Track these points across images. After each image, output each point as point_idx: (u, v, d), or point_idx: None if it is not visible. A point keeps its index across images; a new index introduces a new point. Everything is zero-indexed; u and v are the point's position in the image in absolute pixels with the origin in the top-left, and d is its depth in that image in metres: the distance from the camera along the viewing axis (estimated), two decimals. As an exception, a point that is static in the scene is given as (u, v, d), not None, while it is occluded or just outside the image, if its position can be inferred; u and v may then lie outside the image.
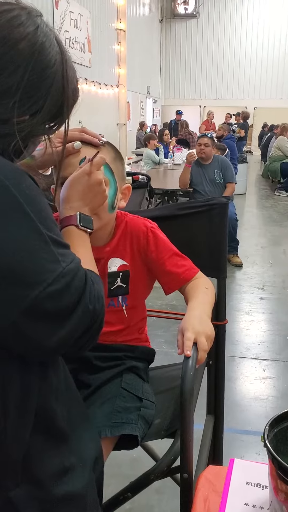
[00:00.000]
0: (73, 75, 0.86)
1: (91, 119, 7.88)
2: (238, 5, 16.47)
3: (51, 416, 0.83)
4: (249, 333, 3.32)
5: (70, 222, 0.95)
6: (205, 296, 1.16)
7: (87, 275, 0.79)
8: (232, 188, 4.77)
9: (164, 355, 2.82)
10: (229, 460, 0.97)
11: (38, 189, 0.76)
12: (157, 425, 1.18)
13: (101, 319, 0.82)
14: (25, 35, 0.77)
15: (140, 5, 13.33)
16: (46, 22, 0.83)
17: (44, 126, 0.84)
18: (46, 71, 0.79)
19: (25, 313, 0.70)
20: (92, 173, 0.97)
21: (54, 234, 0.75)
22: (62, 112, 0.85)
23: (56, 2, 7.04)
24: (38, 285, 0.70)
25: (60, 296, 0.73)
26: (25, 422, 0.78)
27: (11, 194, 0.70)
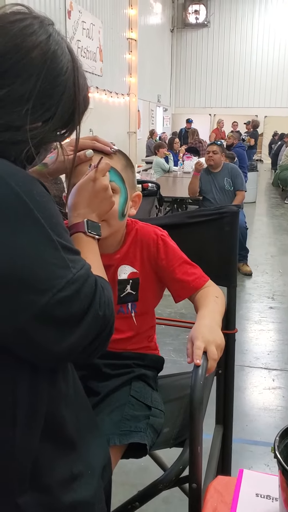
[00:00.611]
0: (84, 83, 0.87)
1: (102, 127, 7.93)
2: (248, 14, 16.53)
3: (60, 422, 0.83)
4: (259, 343, 3.30)
5: (78, 229, 0.95)
6: (215, 305, 1.16)
7: (97, 281, 0.79)
8: (242, 196, 4.76)
9: (173, 363, 2.81)
10: (238, 470, 0.96)
11: (49, 196, 0.76)
12: (166, 434, 1.18)
13: (111, 325, 0.82)
14: (38, 44, 0.78)
15: (151, 15, 13.42)
16: (58, 30, 0.84)
17: (56, 133, 0.85)
18: (58, 79, 0.80)
19: (35, 319, 0.70)
20: (97, 179, 0.98)
21: (65, 240, 0.75)
22: (73, 119, 0.86)
23: (68, 12, 7.10)
24: (48, 291, 0.71)
25: (70, 302, 0.73)
26: (34, 429, 0.78)
27: (22, 200, 0.70)
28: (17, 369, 0.75)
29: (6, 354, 0.73)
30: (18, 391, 0.75)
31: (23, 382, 0.76)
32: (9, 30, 0.77)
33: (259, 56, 16.67)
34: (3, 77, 0.76)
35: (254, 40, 16.69)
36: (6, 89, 0.76)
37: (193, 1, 16.57)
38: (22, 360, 0.75)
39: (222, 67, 16.99)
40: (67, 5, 7.04)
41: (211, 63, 17.08)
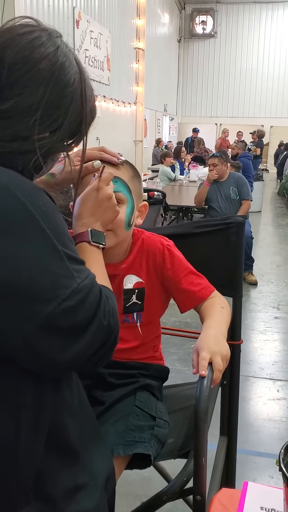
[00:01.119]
0: (91, 94, 0.88)
1: (108, 135, 7.97)
2: (255, 25, 16.63)
3: (64, 433, 0.83)
4: (263, 353, 3.28)
5: (82, 239, 0.96)
6: (221, 316, 1.16)
7: (101, 291, 0.80)
8: (248, 205, 4.76)
9: (177, 373, 2.80)
10: (243, 483, 0.95)
11: (54, 206, 0.77)
12: (170, 445, 1.17)
13: (116, 335, 0.82)
14: (46, 55, 0.79)
15: (159, 25, 13.51)
16: (65, 42, 0.85)
17: (63, 143, 0.86)
18: (65, 90, 0.81)
19: (39, 329, 0.71)
20: (101, 188, 0.98)
21: (70, 250, 0.76)
22: (80, 130, 0.87)
23: (77, 22, 7.17)
24: (53, 301, 0.71)
25: (75, 312, 0.73)
26: (37, 439, 0.78)
27: (28, 210, 0.71)
28: (21, 378, 0.75)
29: (10, 364, 0.73)
30: (22, 401, 0.75)
31: (27, 392, 0.75)
32: (18, 42, 0.79)
33: (265, 67, 16.74)
34: (11, 87, 0.77)
35: (261, 51, 16.77)
36: (14, 100, 0.77)
37: (200, 12, 16.69)
38: (26, 369, 0.75)
39: (229, 77, 17.07)
40: (75, 15, 7.10)
41: (217, 73, 17.16)
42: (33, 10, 5.75)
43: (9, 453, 0.75)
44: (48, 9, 6.16)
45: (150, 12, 11.67)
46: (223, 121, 16.65)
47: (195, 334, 1.18)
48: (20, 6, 5.27)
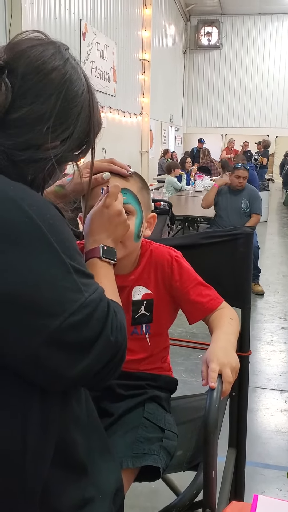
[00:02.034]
0: (97, 107, 0.91)
1: (114, 146, 8.01)
2: (260, 36, 16.72)
3: (71, 446, 0.82)
4: (271, 364, 3.26)
5: (93, 255, 0.96)
6: (230, 327, 1.15)
7: (109, 305, 0.79)
8: (257, 219, 4.76)
9: (184, 384, 2.78)
10: (253, 496, 0.94)
11: (62, 219, 0.77)
12: (179, 457, 1.17)
13: (124, 351, 0.81)
14: (56, 66, 0.82)
15: (164, 37, 13.61)
16: (73, 56, 0.88)
17: (73, 153, 0.88)
18: (75, 100, 0.83)
19: (46, 343, 0.70)
20: (110, 205, 0.99)
21: (78, 263, 0.76)
22: (88, 140, 0.89)
23: (83, 34, 7.23)
24: (60, 315, 0.71)
25: (82, 326, 0.73)
26: (44, 453, 0.77)
27: (35, 224, 0.71)
28: (28, 392, 0.74)
29: (17, 377, 0.73)
30: (29, 415, 0.74)
31: (33, 405, 0.75)
32: (29, 54, 0.81)
33: (271, 77, 16.80)
34: (24, 96, 0.79)
35: (266, 62, 16.85)
36: (27, 108, 0.78)
37: (205, 23, 16.81)
38: (34, 384, 0.74)
39: (234, 88, 17.14)
40: (82, 27, 7.17)
41: (223, 84, 17.25)
42: (40, 22, 5.81)
43: (16, 467, 0.75)
44: (54, 21, 6.23)
45: (155, 23, 11.77)
46: (229, 132, 16.71)
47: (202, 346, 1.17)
48: (27, 18, 5.33)
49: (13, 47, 0.82)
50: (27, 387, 0.74)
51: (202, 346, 1.10)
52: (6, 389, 0.74)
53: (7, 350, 0.70)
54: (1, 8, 4.96)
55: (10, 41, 0.84)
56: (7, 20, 5.00)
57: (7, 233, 0.69)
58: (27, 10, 5.33)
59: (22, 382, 0.74)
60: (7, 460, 0.75)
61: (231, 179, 4.76)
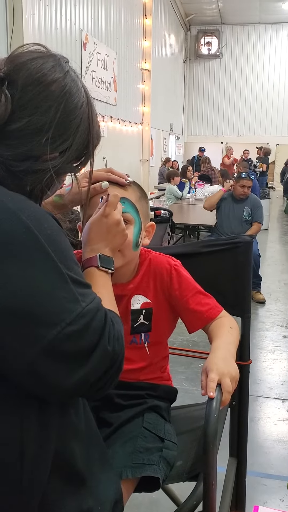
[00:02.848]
0: (96, 119, 0.91)
1: (115, 155, 8.04)
2: (260, 46, 16.83)
3: (70, 457, 0.82)
4: (272, 372, 3.25)
5: (91, 264, 0.96)
6: (230, 336, 1.15)
7: (107, 315, 0.79)
8: (258, 227, 4.78)
9: (185, 393, 2.77)
10: (253, 507, 0.94)
11: (60, 229, 0.77)
12: (179, 467, 1.16)
13: (121, 361, 0.81)
14: (56, 79, 0.83)
15: (165, 46, 13.71)
16: (73, 68, 0.88)
17: (72, 165, 0.88)
18: (75, 112, 0.84)
19: (43, 353, 0.70)
20: (109, 214, 0.99)
21: (75, 273, 0.76)
22: (87, 152, 0.90)
23: (84, 44, 7.29)
24: (57, 325, 0.70)
25: (79, 336, 0.73)
26: (42, 463, 0.77)
27: (33, 234, 0.71)
28: (26, 402, 0.74)
29: (14, 388, 0.73)
30: (26, 425, 0.74)
31: (31, 416, 0.75)
32: (30, 66, 0.82)
33: (271, 86, 16.90)
34: (24, 108, 0.79)
35: (266, 71, 16.94)
36: (26, 119, 0.79)
37: (205, 33, 16.93)
38: (31, 394, 0.74)
39: (234, 97, 17.24)
40: (82, 37, 7.23)
41: (223, 92, 17.34)
42: (41, 33, 5.86)
43: (13, 477, 0.75)
44: (55, 32, 6.28)
45: (156, 33, 11.86)
46: (229, 140, 16.77)
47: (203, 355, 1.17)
48: (29, 29, 5.37)
49: (14, 59, 0.83)
50: (24, 398, 0.74)
51: (203, 355, 1.10)
52: (4, 399, 0.73)
53: (4, 359, 0.70)
54: (2, 19, 5.00)
55: (11, 54, 0.85)
56: (8, 30, 5.04)
57: (4, 244, 0.70)
58: (28, 21, 5.38)
59: (19, 393, 0.74)
60: (5, 471, 0.74)
61: (235, 188, 4.77)
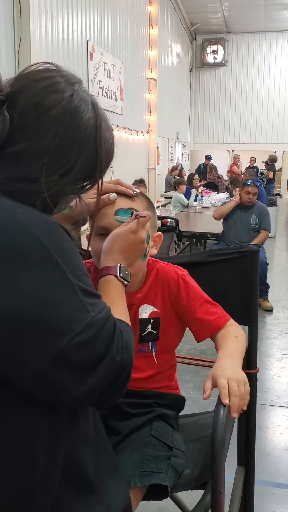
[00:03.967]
0: (107, 137, 0.89)
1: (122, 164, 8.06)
2: (265, 54, 16.88)
3: (80, 465, 0.83)
4: (280, 381, 3.24)
5: (109, 272, 0.98)
6: (236, 345, 1.16)
7: (116, 325, 0.80)
8: (266, 235, 4.78)
9: (193, 401, 2.76)
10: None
11: (70, 240, 0.78)
12: (187, 476, 1.16)
13: (129, 370, 0.82)
14: (59, 102, 0.81)
15: (170, 56, 13.79)
16: (84, 88, 0.87)
17: (76, 186, 0.87)
18: (77, 135, 0.83)
19: (52, 362, 0.71)
20: (137, 231, 1.01)
21: (85, 284, 0.77)
22: (94, 173, 0.88)
23: (90, 54, 7.35)
24: (66, 334, 0.72)
25: (88, 346, 0.74)
26: (53, 471, 0.78)
27: (42, 245, 0.73)
28: (36, 410, 0.75)
29: (25, 397, 0.74)
30: (37, 433, 0.75)
31: (42, 424, 0.76)
32: (32, 88, 0.81)
33: (276, 93, 16.92)
34: (22, 131, 0.79)
35: (271, 78, 16.98)
36: (23, 144, 0.79)
37: (211, 41, 17.01)
38: (42, 402, 0.75)
39: (240, 105, 17.27)
40: (89, 48, 7.30)
41: (229, 100, 17.39)
42: (48, 44, 5.92)
43: (24, 485, 0.76)
44: (62, 43, 6.34)
45: (161, 43, 11.93)
46: (235, 148, 16.78)
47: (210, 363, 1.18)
48: (36, 41, 5.43)
49: (20, 79, 0.83)
50: (35, 406, 0.75)
51: (211, 364, 1.11)
52: (15, 407, 0.75)
53: (15, 368, 0.72)
54: (10, 30, 5.06)
55: (20, 73, 0.85)
56: (16, 42, 5.10)
57: (15, 255, 0.71)
58: (35, 33, 5.44)
59: (30, 401, 0.75)
60: (17, 479, 0.75)
61: (241, 195, 4.79)
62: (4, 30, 4.94)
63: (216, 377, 1.02)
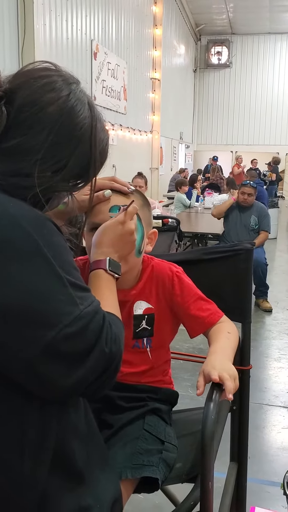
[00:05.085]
0: (102, 138, 0.91)
1: (125, 163, 8.09)
2: (270, 55, 16.87)
3: (69, 455, 0.84)
4: (278, 380, 3.25)
5: (99, 266, 0.99)
6: (227, 341, 1.17)
7: (105, 317, 0.81)
8: (266, 236, 4.79)
9: (190, 399, 2.77)
10: (250, 508, 0.96)
11: (59, 234, 0.79)
12: (178, 469, 1.18)
13: (118, 362, 0.83)
14: (56, 100, 0.83)
15: (175, 56, 13.80)
16: (81, 88, 0.88)
17: (68, 183, 0.88)
18: (71, 134, 0.84)
19: (41, 354, 0.72)
20: (125, 222, 1.02)
21: (73, 277, 0.78)
22: (87, 172, 0.90)
23: (94, 54, 7.38)
24: (55, 326, 0.73)
25: (76, 338, 0.75)
26: (42, 462, 0.79)
27: (32, 238, 0.74)
28: (26, 401, 0.77)
29: (15, 387, 0.75)
30: (27, 425, 0.77)
31: (32, 415, 0.77)
32: (31, 85, 0.83)
33: (280, 95, 16.91)
34: (17, 127, 0.80)
35: (275, 80, 16.96)
36: (18, 139, 0.80)
37: (215, 43, 17.01)
38: (31, 393, 0.76)
39: (244, 106, 17.27)
40: (93, 47, 7.32)
41: (233, 102, 17.38)
42: (52, 43, 5.94)
43: (13, 474, 0.77)
44: (66, 42, 6.36)
45: (166, 43, 11.95)
46: (239, 149, 16.79)
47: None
48: (40, 39, 5.45)
49: (19, 76, 0.85)
50: (25, 397, 0.77)
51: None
52: (4, 398, 0.76)
53: (3, 360, 0.73)
54: (14, 29, 5.08)
55: (19, 70, 0.86)
56: (20, 40, 5.12)
57: (5, 248, 0.72)
58: (39, 31, 5.46)
59: (20, 392, 0.76)
60: (5, 468, 0.77)
61: (238, 195, 4.81)
62: (8, 28, 4.97)
63: (208, 373, 1.04)
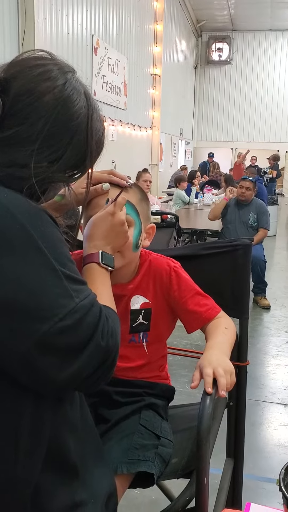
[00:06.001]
0: (98, 128, 0.90)
1: (124, 159, 8.07)
2: (271, 52, 16.82)
3: (64, 450, 0.84)
4: (275, 377, 3.25)
5: (92, 260, 0.98)
6: (224, 336, 1.17)
7: (101, 311, 0.80)
8: (264, 233, 4.78)
9: (188, 396, 2.77)
10: (245, 504, 0.95)
11: (54, 226, 0.79)
12: (174, 465, 1.18)
13: (114, 356, 0.83)
14: (52, 89, 0.82)
15: (175, 52, 13.75)
16: (77, 77, 0.87)
17: (65, 174, 0.87)
18: (68, 124, 0.83)
19: (36, 347, 0.72)
20: (115, 213, 1.01)
21: (69, 270, 0.77)
22: (84, 162, 0.89)
23: (95, 49, 7.35)
24: (50, 319, 0.72)
25: (72, 331, 0.74)
26: (36, 456, 0.78)
27: (26, 230, 0.73)
28: (20, 394, 0.76)
29: (9, 381, 0.75)
30: (21, 418, 0.76)
31: (26, 409, 0.77)
32: (26, 74, 0.82)
33: (281, 92, 16.87)
34: (13, 117, 0.80)
35: (276, 77, 16.92)
36: (14, 129, 0.79)
37: (216, 39, 16.95)
38: (26, 387, 0.76)
39: (244, 103, 17.23)
40: (93, 42, 7.29)
41: (233, 98, 17.34)
42: (53, 38, 5.91)
43: (7, 467, 0.76)
44: (67, 37, 6.34)
45: (167, 39, 11.90)
46: (239, 146, 16.75)
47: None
48: (40, 34, 5.43)
49: (14, 65, 0.83)
50: (20, 391, 0.76)
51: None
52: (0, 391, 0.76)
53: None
54: (14, 23, 5.06)
55: (14, 59, 0.85)
56: (20, 35, 5.09)
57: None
58: (40, 26, 5.43)
59: (15, 385, 0.75)
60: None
61: (237, 190, 4.81)
62: (8, 22, 4.94)
63: (203, 368, 1.04)
